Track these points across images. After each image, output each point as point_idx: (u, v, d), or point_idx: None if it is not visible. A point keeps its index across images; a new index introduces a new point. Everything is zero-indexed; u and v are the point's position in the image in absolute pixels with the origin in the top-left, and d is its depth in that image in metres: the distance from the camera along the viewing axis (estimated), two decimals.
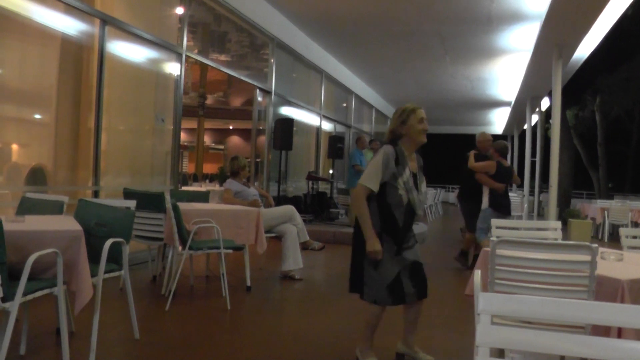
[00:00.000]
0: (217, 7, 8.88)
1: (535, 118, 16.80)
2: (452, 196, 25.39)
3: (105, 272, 3.45)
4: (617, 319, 1.62)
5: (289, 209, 6.66)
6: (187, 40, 7.97)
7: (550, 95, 11.30)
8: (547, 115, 18.50)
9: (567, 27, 8.71)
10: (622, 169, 30.70)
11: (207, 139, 24.16)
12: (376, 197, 3.41)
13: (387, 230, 3.41)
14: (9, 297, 2.81)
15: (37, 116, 6.93)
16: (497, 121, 24.85)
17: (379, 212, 3.42)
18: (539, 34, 9.57)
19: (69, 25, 6.45)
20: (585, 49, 10.93)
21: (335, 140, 12.78)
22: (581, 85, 20.42)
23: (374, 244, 3.34)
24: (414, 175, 3.49)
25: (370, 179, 3.39)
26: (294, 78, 12.71)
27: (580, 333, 2.74)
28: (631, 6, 9.49)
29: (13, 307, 2.82)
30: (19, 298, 2.83)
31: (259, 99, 10.66)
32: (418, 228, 10.41)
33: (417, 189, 3.47)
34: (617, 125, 27.28)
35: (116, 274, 3.64)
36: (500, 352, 2.71)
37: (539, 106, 16.15)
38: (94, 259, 3.31)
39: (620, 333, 2.54)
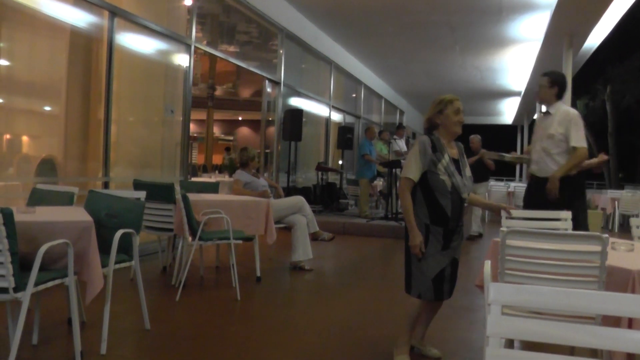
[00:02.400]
0: None
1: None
2: None
3: (116, 263, 3.47)
4: (627, 309, 1.61)
5: (299, 199, 6.66)
6: (196, 32, 7.96)
7: None
8: None
9: (578, 17, 8.64)
10: (632, 159, 30.49)
11: (217, 130, 24.19)
12: (421, 187, 3.38)
13: (436, 221, 3.34)
14: (20, 287, 2.84)
15: (47, 108, 6.96)
16: (507, 111, 24.72)
17: (425, 202, 3.36)
18: (550, 23, 9.49)
19: (78, 17, 6.46)
20: (595, 38, 10.84)
21: (345, 131, 12.73)
22: (592, 75, 20.28)
23: (414, 237, 3.32)
24: (456, 161, 3.44)
25: (410, 170, 3.37)
26: (303, 69, 12.68)
27: (591, 324, 2.73)
28: None
29: (25, 297, 2.85)
30: (30, 288, 2.85)
31: (268, 90, 10.66)
32: None
33: (461, 174, 3.42)
34: (628, 115, 27.02)
35: (126, 264, 3.66)
36: (511, 343, 2.71)
37: None
38: (104, 249, 3.33)
39: (630, 323, 2.53)
